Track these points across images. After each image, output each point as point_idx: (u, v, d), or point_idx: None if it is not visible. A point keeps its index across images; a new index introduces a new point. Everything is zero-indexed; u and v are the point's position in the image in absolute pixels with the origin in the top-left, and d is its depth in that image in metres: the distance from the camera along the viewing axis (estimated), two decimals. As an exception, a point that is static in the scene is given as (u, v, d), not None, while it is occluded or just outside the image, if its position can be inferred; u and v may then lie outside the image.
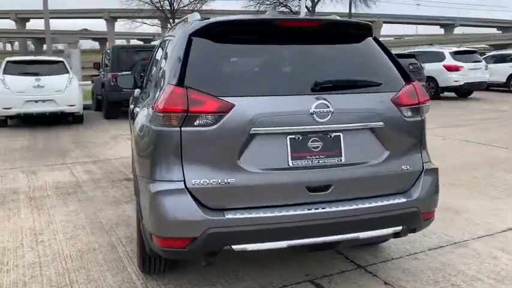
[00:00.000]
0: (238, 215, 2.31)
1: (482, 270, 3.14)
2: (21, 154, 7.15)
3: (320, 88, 2.45)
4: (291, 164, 2.40)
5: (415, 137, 2.71)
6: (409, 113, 2.64)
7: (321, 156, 2.44)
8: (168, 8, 30.85)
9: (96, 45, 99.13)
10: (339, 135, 2.48)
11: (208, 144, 2.33)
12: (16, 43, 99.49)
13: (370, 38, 2.80)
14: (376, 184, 2.57)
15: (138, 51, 11.11)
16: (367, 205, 2.49)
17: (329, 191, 2.45)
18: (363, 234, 2.51)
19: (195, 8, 31.79)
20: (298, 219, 2.37)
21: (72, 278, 3.04)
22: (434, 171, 2.76)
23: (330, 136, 2.46)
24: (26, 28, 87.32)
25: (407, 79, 2.71)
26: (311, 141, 2.43)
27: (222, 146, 2.33)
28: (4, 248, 3.54)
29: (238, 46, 2.59)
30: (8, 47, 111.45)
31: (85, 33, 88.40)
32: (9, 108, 9.35)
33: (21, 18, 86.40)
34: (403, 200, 2.58)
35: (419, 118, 2.70)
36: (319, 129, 2.41)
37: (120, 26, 65.25)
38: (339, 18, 2.84)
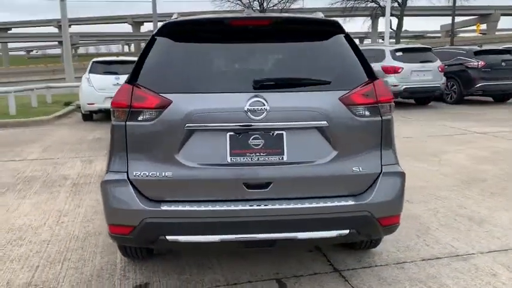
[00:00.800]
0: (173, 207, 2.41)
1: (469, 287, 2.86)
2: (88, 145, 7.92)
3: (259, 86, 2.45)
4: (229, 160, 2.43)
5: (372, 138, 2.56)
6: (363, 113, 2.51)
7: (261, 154, 2.44)
8: (258, 8, 31.46)
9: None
10: (282, 133, 2.45)
11: (148, 138, 2.46)
12: (132, 45, 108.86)
13: (339, 36, 2.71)
14: (321, 184, 2.49)
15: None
16: (307, 205, 2.43)
17: (268, 188, 2.44)
18: (301, 235, 2.46)
19: (285, 7, 32.03)
20: (233, 214, 2.40)
21: (67, 256, 3.37)
22: (397, 175, 2.60)
23: (273, 134, 2.45)
24: (141, 31, 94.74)
25: (372, 78, 2.59)
26: (252, 139, 2.44)
27: (161, 141, 2.45)
28: (29, 226, 4.01)
29: (190, 45, 2.67)
30: (126, 48, 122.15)
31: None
32: (93, 104, 10.36)
33: (136, 22, 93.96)
34: (351, 202, 2.47)
35: (378, 118, 2.56)
36: (258, 127, 2.41)
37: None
38: (317, 16, 2.80)
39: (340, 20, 3.10)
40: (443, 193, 4.72)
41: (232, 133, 2.43)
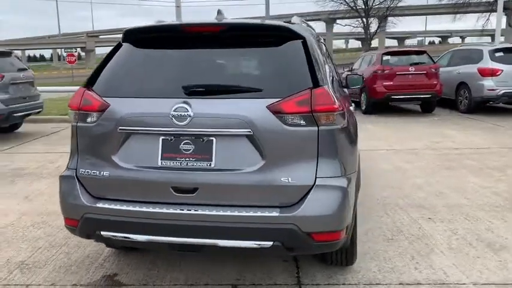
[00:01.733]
0: (107, 205, 2.55)
1: (431, 319, 2.57)
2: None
3: (188, 92, 2.47)
4: (160, 164, 2.50)
5: (305, 149, 2.42)
6: (295, 122, 2.39)
7: (190, 159, 2.46)
8: (363, 7, 30.42)
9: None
10: (212, 140, 2.44)
11: (92, 139, 2.63)
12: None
13: (291, 42, 2.62)
14: (247, 193, 2.43)
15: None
16: (228, 213, 2.39)
17: (195, 194, 2.45)
18: (222, 242, 2.42)
19: (391, 5, 30.53)
20: (160, 217, 2.46)
21: (68, 242, 3.72)
22: (334, 189, 2.43)
23: (203, 140, 2.45)
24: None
25: (316, 86, 2.46)
26: (183, 144, 2.47)
27: (101, 142, 2.61)
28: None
29: (139, 51, 2.76)
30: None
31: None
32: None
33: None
34: (275, 214, 2.37)
35: (314, 128, 2.41)
36: (183, 132, 2.44)
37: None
38: (294, 21, 2.74)
39: (450, 18, 2.91)
40: (478, 213, 4.21)
41: (164, 137, 2.49)
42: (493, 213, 4.22)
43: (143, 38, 2.79)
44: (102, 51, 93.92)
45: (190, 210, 2.43)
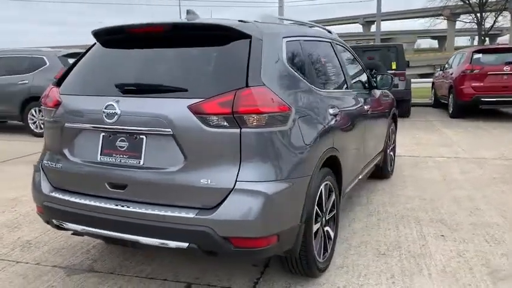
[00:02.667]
0: (58, 195, 2.73)
1: None
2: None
3: (119, 91, 2.55)
4: (99, 159, 2.61)
5: (227, 151, 2.34)
6: (217, 123, 2.33)
7: (124, 156, 2.54)
8: (477, 1, 27.57)
9: (434, 43, 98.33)
10: (143, 138, 2.49)
11: (51, 133, 2.85)
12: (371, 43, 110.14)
13: (236, 41, 2.55)
14: (169, 192, 2.43)
15: (365, 51, 11.08)
16: (150, 211, 2.41)
17: (125, 190, 2.52)
18: (143, 240, 2.46)
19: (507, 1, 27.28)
20: (96, 210, 2.57)
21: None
22: (255, 194, 2.32)
23: (136, 138, 2.51)
24: (370, 31, 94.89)
25: (248, 86, 2.37)
26: (119, 141, 2.56)
27: (57, 136, 2.81)
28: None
29: (98, 50, 2.90)
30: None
31: (424, 32, 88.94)
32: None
33: (368, 22, 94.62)
34: (191, 215, 2.34)
35: (236, 130, 2.32)
36: (113, 129, 2.53)
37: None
38: (215, 21, 2.69)
39: None
40: (506, 236, 3.67)
41: (104, 134, 2.60)
42: (524, 236, 3.65)
43: (103, 38, 2.93)
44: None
45: (117, 205, 2.51)
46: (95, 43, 2.98)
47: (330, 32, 4.16)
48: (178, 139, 2.39)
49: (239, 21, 2.77)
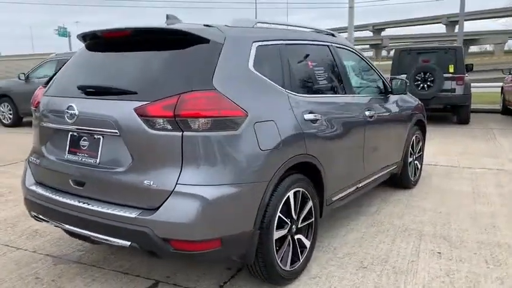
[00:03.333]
0: (35, 189, 2.93)
1: None
2: None
3: (80, 92, 2.69)
4: (66, 157, 2.77)
5: (169, 154, 2.37)
6: (160, 126, 2.37)
7: (85, 155, 2.67)
8: None
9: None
10: (100, 138, 2.60)
11: (35, 131, 3.06)
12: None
13: (197, 45, 2.59)
14: (117, 191, 2.51)
15: (420, 53, 10.54)
16: (99, 209, 2.52)
17: (83, 187, 2.65)
18: (94, 236, 2.56)
19: None
20: (61, 205, 2.72)
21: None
22: (194, 197, 2.33)
23: (94, 138, 2.63)
24: (455, 31, 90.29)
25: (196, 90, 2.41)
26: (82, 140, 2.70)
27: (36, 134, 3.01)
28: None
29: (82, 53, 3.05)
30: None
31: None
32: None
33: (452, 22, 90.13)
34: (133, 215, 2.40)
35: (178, 133, 2.35)
36: (72, 129, 2.68)
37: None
38: (176, 26, 2.73)
39: None
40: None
41: (71, 133, 2.75)
42: (533, 260, 3.30)
43: (86, 42, 3.09)
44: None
45: (77, 202, 2.64)
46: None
47: (333, 35, 4.04)
48: (125, 140, 2.47)
49: (204, 25, 2.80)
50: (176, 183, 2.36)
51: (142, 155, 2.45)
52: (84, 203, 2.61)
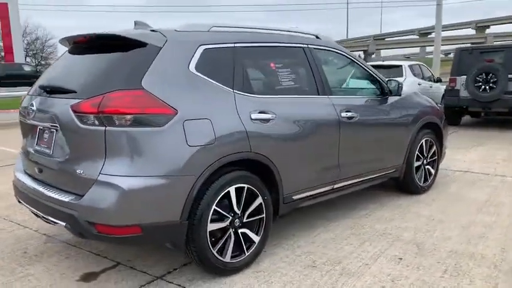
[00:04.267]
0: (17, 175, 3.39)
1: None
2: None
3: (39, 91, 3.08)
4: (35, 148, 3.19)
5: (95, 146, 2.65)
6: (88, 121, 2.66)
7: (45, 146, 3.06)
8: None
9: None
10: (54, 131, 2.97)
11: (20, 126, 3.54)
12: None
13: (135, 49, 2.86)
14: (59, 178, 2.88)
15: (482, 52, 9.81)
16: (47, 192, 2.89)
17: (42, 174, 3.04)
18: (43, 216, 2.94)
19: None
20: (28, 190, 3.15)
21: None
22: (111, 186, 2.60)
23: (51, 131, 3.01)
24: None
25: (122, 89, 2.68)
26: (44, 133, 3.09)
27: (21, 129, 3.48)
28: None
29: (63, 55, 3.46)
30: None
31: None
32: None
33: (480, 27, 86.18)
34: (66, 200, 2.73)
35: (101, 128, 2.62)
36: (32, 124, 3.06)
37: None
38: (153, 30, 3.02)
39: None
40: (477, 270, 3.16)
41: (39, 127, 3.16)
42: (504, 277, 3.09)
43: (68, 46, 3.50)
44: (389, 53, 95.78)
45: (35, 186, 3.05)
46: None
47: (317, 37, 4.07)
48: (64, 134, 2.82)
49: (151, 30, 3.06)
50: (99, 173, 2.65)
51: (76, 147, 2.78)
52: (40, 187, 3.00)
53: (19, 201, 3.41)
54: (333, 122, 3.77)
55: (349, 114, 3.91)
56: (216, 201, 2.96)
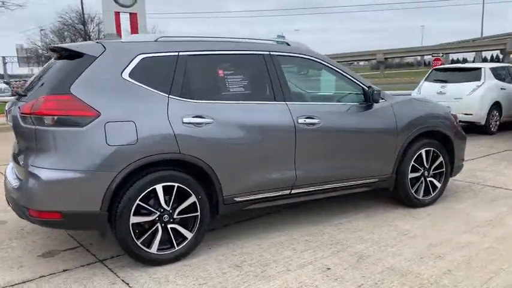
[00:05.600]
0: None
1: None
2: None
3: (18, 95, 3.61)
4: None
5: (30, 142, 3.12)
6: (25, 121, 3.13)
7: (19, 143, 3.62)
8: None
9: None
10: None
11: None
12: None
13: (75, 59, 3.28)
14: (16, 168, 3.42)
15: None
16: (11, 180, 3.43)
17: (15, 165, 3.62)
18: (8, 201, 3.51)
19: None
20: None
21: None
22: (34, 176, 3.03)
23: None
24: None
25: (50, 94, 3.13)
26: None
27: None
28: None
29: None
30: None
31: None
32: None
33: None
34: (14, 185, 3.27)
35: (33, 127, 3.07)
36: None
37: None
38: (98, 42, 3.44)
39: None
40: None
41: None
42: (416, 295, 2.90)
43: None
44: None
45: (8, 176, 3.64)
46: None
47: (288, 44, 4.12)
48: (15, 131, 3.34)
49: (96, 42, 3.46)
50: (30, 165, 3.11)
51: (21, 142, 3.31)
52: (9, 177, 3.59)
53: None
54: (286, 128, 3.79)
55: (309, 120, 3.89)
56: (141, 197, 3.25)
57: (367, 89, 4.29)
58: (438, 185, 4.81)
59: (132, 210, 3.24)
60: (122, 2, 25.10)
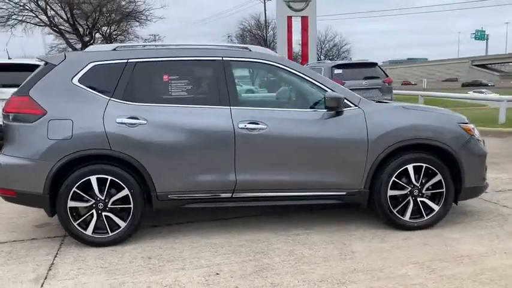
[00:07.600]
0: None
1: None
2: None
3: None
4: None
5: (3, 135, 3.91)
6: (9, 118, 3.92)
7: None
8: None
9: None
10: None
11: None
12: None
13: (45, 66, 3.97)
14: None
15: None
16: None
17: None
18: None
19: None
20: None
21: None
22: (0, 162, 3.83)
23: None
24: None
25: (14, 96, 3.90)
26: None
27: None
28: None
29: None
30: None
31: None
32: None
33: None
34: None
35: (3, 122, 3.87)
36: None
37: None
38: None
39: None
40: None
41: None
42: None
43: None
44: None
45: None
46: None
47: (250, 50, 4.13)
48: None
49: (62, 52, 4.11)
50: (1, 153, 3.93)
51: (5, 137, 4.13)
52: None
53: None
54: (224, 132, 3.84)
55: (251, 125, 3.84)
56: (77, 185, 3.78)
57: (326, 94, 3.95)
58: (435, 207, 4.13)
59: (70, 196, 3.78)
60: (294, 7, 26.38)
